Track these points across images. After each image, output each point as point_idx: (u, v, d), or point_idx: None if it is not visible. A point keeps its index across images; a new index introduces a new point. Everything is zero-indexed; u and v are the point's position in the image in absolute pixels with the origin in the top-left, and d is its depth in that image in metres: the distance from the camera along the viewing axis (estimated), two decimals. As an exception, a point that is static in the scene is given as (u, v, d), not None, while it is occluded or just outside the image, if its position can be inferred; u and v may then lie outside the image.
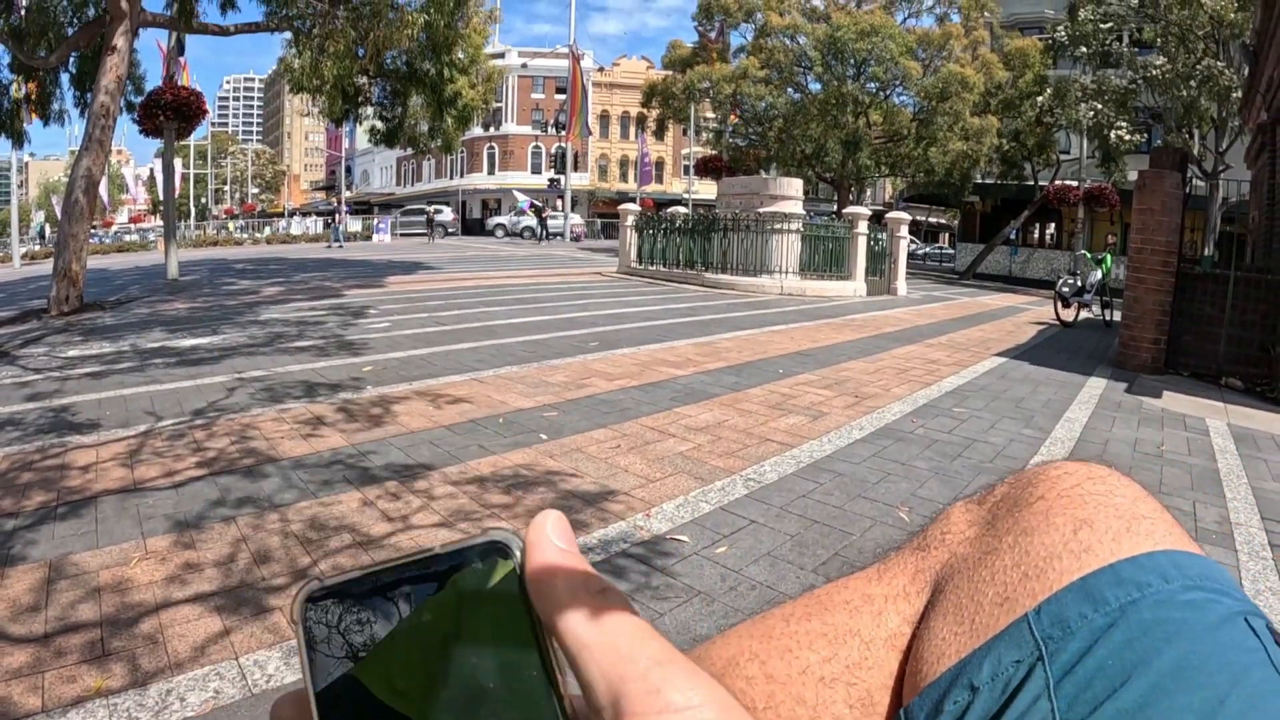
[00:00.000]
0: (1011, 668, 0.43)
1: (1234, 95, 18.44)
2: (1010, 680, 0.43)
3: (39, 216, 57.23)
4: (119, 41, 10.74)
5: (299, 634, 0.28)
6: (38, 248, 34.20)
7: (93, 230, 13.39)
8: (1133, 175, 10.88)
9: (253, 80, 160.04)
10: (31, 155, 69.97)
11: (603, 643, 0.27)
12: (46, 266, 14.52)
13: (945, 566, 0.54)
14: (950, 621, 0.49)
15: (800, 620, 0.56)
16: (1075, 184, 25.13)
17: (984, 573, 0.50)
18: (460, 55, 14.74)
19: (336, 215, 32.11)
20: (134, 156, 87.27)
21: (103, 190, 30.59)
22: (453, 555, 0.30)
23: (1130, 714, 0.38)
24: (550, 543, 0.29)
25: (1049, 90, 23.93)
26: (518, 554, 0.30)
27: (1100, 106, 21.72)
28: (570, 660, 0.27)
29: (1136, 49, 21.94)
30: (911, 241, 34.02)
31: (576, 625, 0.27)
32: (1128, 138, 21.86)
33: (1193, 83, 19.80)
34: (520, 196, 45.90)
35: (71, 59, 13.63)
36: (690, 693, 0.26)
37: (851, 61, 25.33)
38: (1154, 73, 20.38)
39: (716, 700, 0.26)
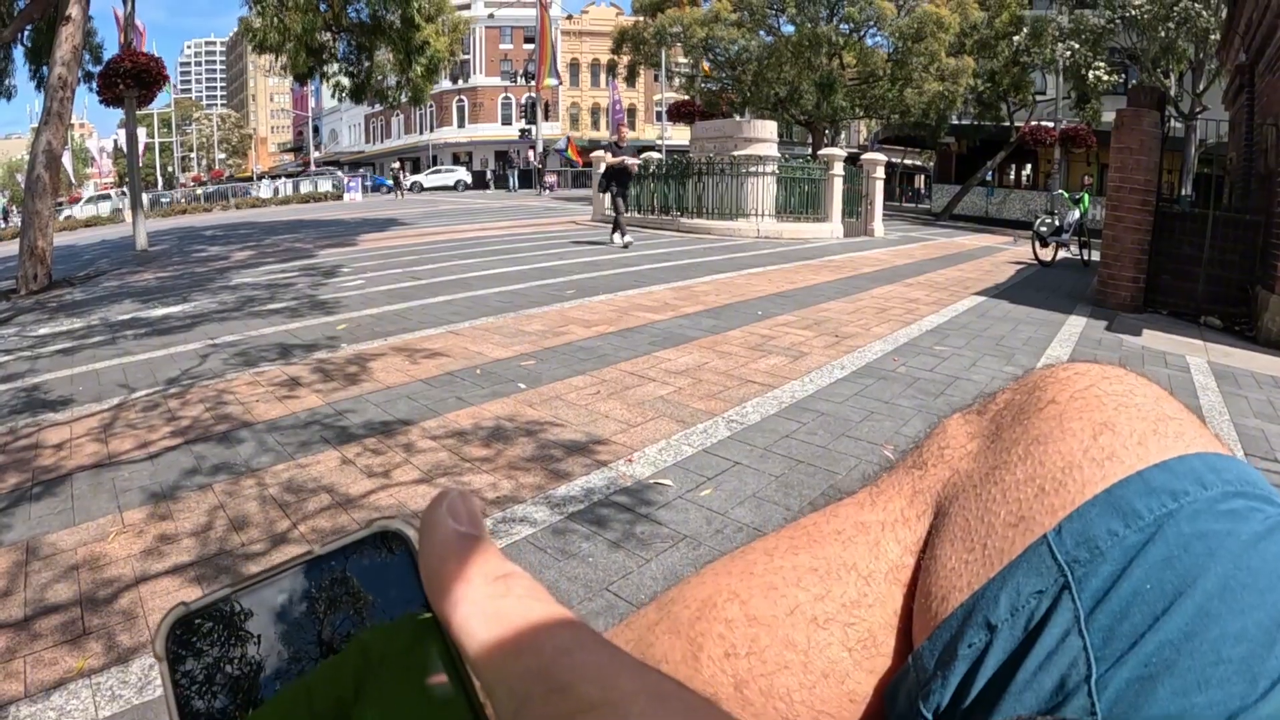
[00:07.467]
0: (1033, 599, 0.38)
1: (1212, 37, 18.34)
2: (1033, 614, 0.38)
3: (2, 197, 55.78)
4: (73, 10, 10.38)
5: (164, 672, 0.23)
6: (3, 227, 33.27)
7: (59, 204, 13.08)
8: (1108, 116, 10.83)
9: (214, 44, 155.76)
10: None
11: (499, 638, 0.22)
12: (12, 247, 14.19)
13: (947, 486, 0.48)
14: (959, 548, 0.43)
15: (785, 554, 0.49)
16: (1051, 125, 25.07)
17: (993, 490, 0.44)
18: (425, 3, 14.40)
19: None
20: (96, 129, 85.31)
21: (67, 164, 29.82)
22: (336, 554, 0.25)
23: (1176, 646, 0.34)
24: (445, 526, 0.25)
25: (1025, 30, 23.77)
26: (413, 544, 0.25)
27: (1077, 46, 21.57)
28: (469, 666, 0.23)
29: (1115, -12, 21.76)
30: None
31: (469, 621, 0.23)
32: (1105, 78, 21.76)
33: (1171, 23, 19.70)
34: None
35: (26, 32, 13.22)
36: (610, 683, 0.21)
37: (825, 2, 24.98)
38: (1132, 13, 20.22)
39: (648, 688, 0.21)
